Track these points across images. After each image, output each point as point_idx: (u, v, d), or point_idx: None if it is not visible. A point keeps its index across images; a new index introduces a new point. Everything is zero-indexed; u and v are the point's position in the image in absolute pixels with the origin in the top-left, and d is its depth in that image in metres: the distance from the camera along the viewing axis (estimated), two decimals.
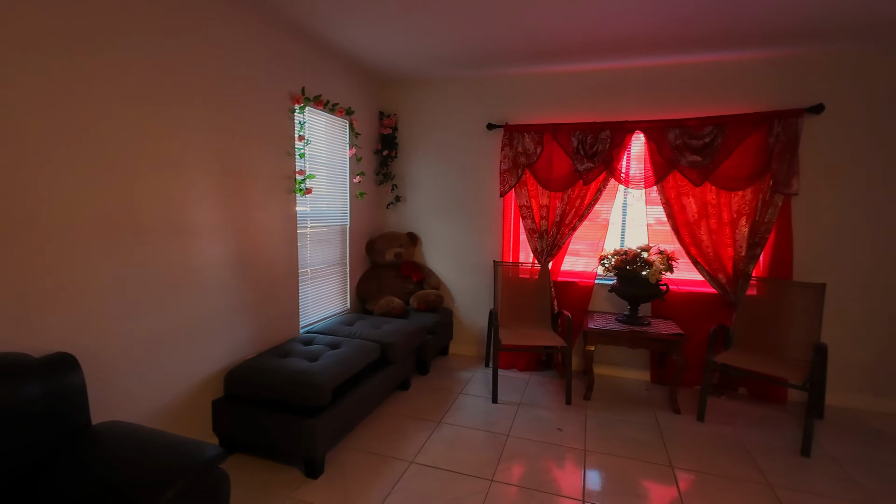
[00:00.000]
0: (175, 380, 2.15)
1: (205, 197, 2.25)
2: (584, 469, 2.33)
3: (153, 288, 2.01)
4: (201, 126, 2.20)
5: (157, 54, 1.96)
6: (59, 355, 1.57)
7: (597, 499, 2.10)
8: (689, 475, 2.30)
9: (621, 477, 2.27)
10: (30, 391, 1.41)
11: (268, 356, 2.48)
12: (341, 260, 3.60)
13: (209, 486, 1.46)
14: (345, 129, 3.49)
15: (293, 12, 2.55)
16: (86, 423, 1.58)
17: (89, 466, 1.39)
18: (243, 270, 2.54)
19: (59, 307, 1.66)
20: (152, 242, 2.00)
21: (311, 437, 2.13)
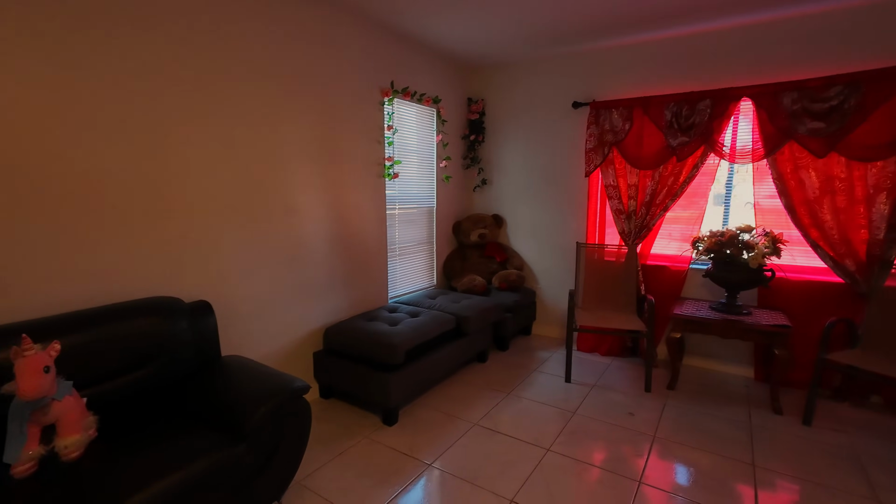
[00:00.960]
0: (284, 331, 2.65)
1: (309, 182, 2.69)
2: (649, 453, 2.28)
3: (270, 256, 2.51)
4: (307, 123, 2.63)
5: (274, 72, 2.40)
6: (201, 302, 2.09)
7: (654, 482, 2.06)
8: (774, 476, 2.10)
9: (688, 465, 2.17)
10: (182, 325, 1.93)
11: (358, 319, 2.88)
12: (428, 239, 3.90)
13: (296, 409, 1.83)
14: (432, 116, 3.74)
15: (384, 13, 2.84)
16: (216, 354, 2.09)
17: (217, 382, 1.86)
18: (340, 246, 2.96)
19: (202, 267, 2.20)
20: (269, 220, 2.49)
21: (386, 389, 2.46)
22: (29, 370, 1.30)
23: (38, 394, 1.31)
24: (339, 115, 2.85)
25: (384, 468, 2.15)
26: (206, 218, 2.20)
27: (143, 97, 1.91)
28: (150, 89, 1.93)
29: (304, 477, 2.08)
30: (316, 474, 2.10)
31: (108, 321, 1.71)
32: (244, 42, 2.27)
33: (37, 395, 1.31)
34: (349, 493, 1.97)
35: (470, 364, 3.40)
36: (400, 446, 2.33)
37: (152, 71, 1.93)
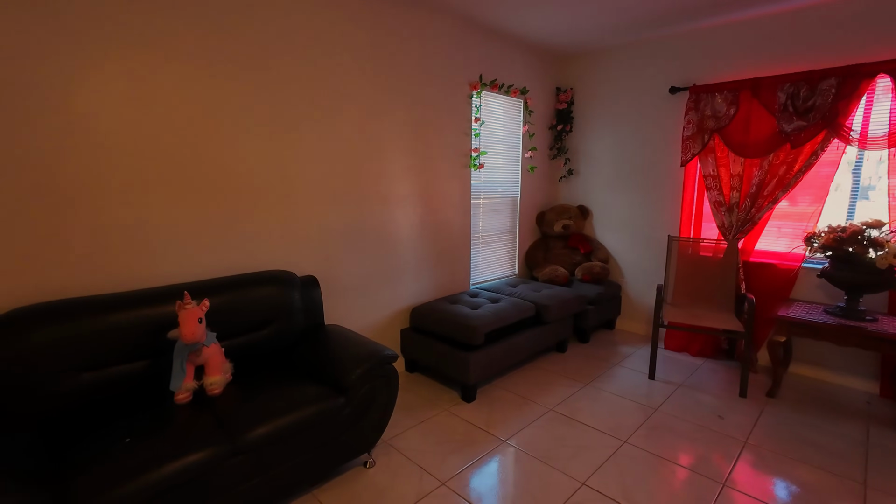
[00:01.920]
0: (376, 307, 2.92)
1: (401, 173, 2.92)
2: (737, 458, 2.16)
3: (366, 239, 2.78)
4: (401, 118, 2.85)
5: (374, 72, 2.65)
6: (310, 277, 2.41)
7: (741, 487, 1.96)
8: (890, 500, 1.87)
9: (784, 476, 2.03)
10: (295, 295, 2.25)
11: (442, 301, 3.07)
12: (511, 229, 3.97)
13: (385, 374, 2.05)
14: (519, 107, 3.78)
15: (475, 10, 2.95)
16: (320, 322, 2.40)
17: (321, 345, 2.16)
18: (427, 232, 3.17)
19: (310, 247, 2.52)
20: (367, 207, 2.76)
21: (465, 367, 2.62)
22: (189, 319, 1.66)
23: (194, 339, 1.67)
24: (430, 109, 3.03)
25: (461, 439, 2.31)
26: (316, 204, 2.51)
27: (276, 102, 2.25)
28: (280, 95, 2.26)
29: (390, 437, 2.32)
30: (400, 436, 2.33)
31: (242, 287, 2.07)
32: (350, 50, 2.53)
33: (193, 340, 1.67)
34: (429, 456, 2.16)
35: (548, 353, 3.43)
36: (477, 421, 2.48)
37: (281, 80, 2.26)
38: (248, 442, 1.59)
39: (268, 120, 2.26)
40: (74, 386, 1.61)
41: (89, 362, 1.64)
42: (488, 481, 2.00)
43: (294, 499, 1.88)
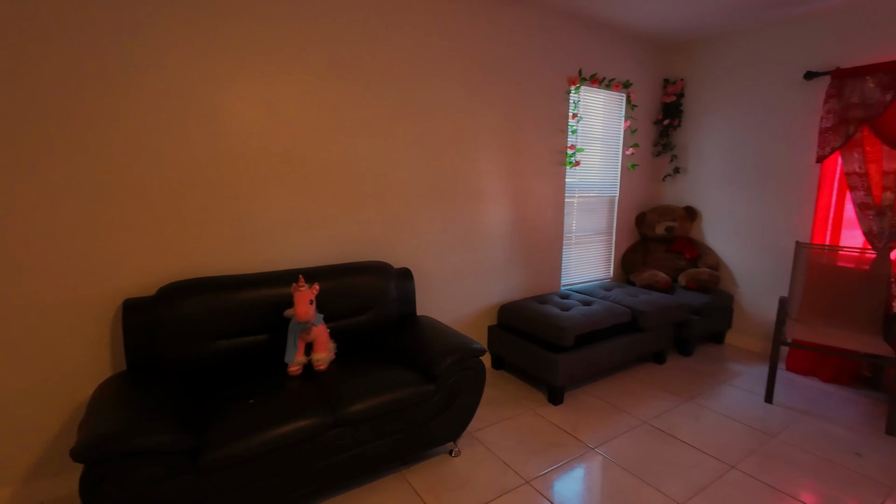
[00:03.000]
0: (465, 302, 2.98)
1: (493, 170, 2.95)
2: None
3: (457, 235, 2.86)
4: (494, 116, 2.88)
5: (467, 72, 2.71)
6: (404, 269, 2.54)
7: None
8: None
9: None
10: (391, 285, 2.39)
11: (530, 301, 3.03)
12: (607, 229, 3.78)
13: (473, 367, 2.09)
14: (620, 102, 3.59)
15: (574, 3, 2.87)
16: (413, 312, 2.52)
17: (414, 334, 2.26)
18: (517, 230, 3.15)
19: (406, 240, 2.66)
20: (458, 204, 2.83)
21: (553, 368, 2.56)
22: (302, 300, 1.85)
23: (306, 318, 1.86)
24: (524, 106, 3.01)
25: (546, 440, 2.27)
26: (412, 201, 2.64)
27: (375, 105, 2.42)
28: (381, 99, 2.42)
29: (475, 430, 2.36)
30: (485, 430, 2.35)
31: (345, 275, 2.26)
32: (446, 53, 2.62)
33: (305, 319, 1.86)
34: (512, 453, 2.16)
35: (644, 363, 3.21)
36: (563, 424, 2.41)
37: (379, 84, 2.42)
38: (348, 415, 1.74)
39: (369, 123, 2.43)
40: (211, 350, 1.89)
41: (223, 331, 1.91)
42: (574, 487, 1.94)
43: (384, 476, 2.00)
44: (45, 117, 1.68)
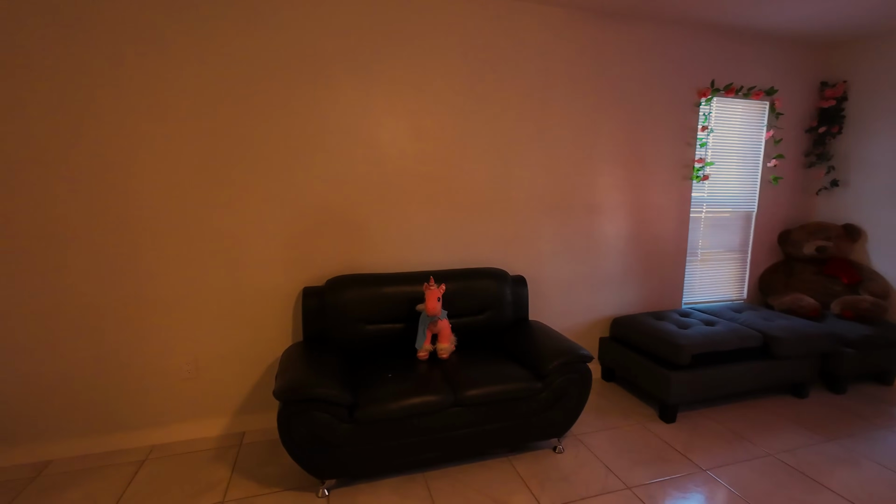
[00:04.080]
0: (577, 312, 3.10)
1: (611, 184, 3.03)
2: None
3: (571, 247, 3.01)
4: (614, 131, 2.96)
5: (587, 91, 2.85)
6: (519, 276, 2.78)
7: None
8: None
9: None
10: (507, 290, 2.66)
11: (646, 316, 3.02)
12: (741, 247, 3.52)
13: (579, 371, 2.24)
14: (761, 111, 3.33)
15: (708, 13, 2.82)
16: (525, 316, 2.74)
17: (525, 335, 2.49)
18: (636, 244, 3.16)
19: (522, 249, 2.90)
20: (575, 216, 2.98)
21: (665, 385, 2.55)
22: (431, 297, 2.22)
23: (434, 312, 2.23)
24: (646, 121, 3.02)
25: (652, 454, 2.29)
26: (529, 213, 2.88)
27: (498, 128, 2.72)
28: (501, 121, 2.72)
29: (581, 433, 2.49)
30: (591, 435, 2.46)
31: (467, 278, 2.59)
32: (563, 70, 2.80)
33: (433, 313, 2.23)
34: (616, 460, 2.24)
35: (780, 394, 2.94)
36: (673, 442, 2.40)
37: (502, 109, 2.71)
38: (466, 398, 2.04)
39: (493, 145, 2.73)
40: (361, 331, 2.37)
41: (371, 317, 2.38)
42: (678, 502, 1.96)
43: (494, 458, 2.26)
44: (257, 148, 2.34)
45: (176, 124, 2.20)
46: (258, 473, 2.13)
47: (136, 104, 2.14)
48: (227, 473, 2.13)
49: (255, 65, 2.27)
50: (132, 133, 2.15)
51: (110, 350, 2.26)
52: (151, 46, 2.12)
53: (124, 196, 2.18)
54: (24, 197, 2.06)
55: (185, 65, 2.17)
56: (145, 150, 2.18)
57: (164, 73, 2.15)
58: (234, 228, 2.35)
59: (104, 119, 2.11)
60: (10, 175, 2.03)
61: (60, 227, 2.12)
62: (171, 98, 2.18)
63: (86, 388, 2.25)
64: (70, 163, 2.09)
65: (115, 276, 2.22)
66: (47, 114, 2.04)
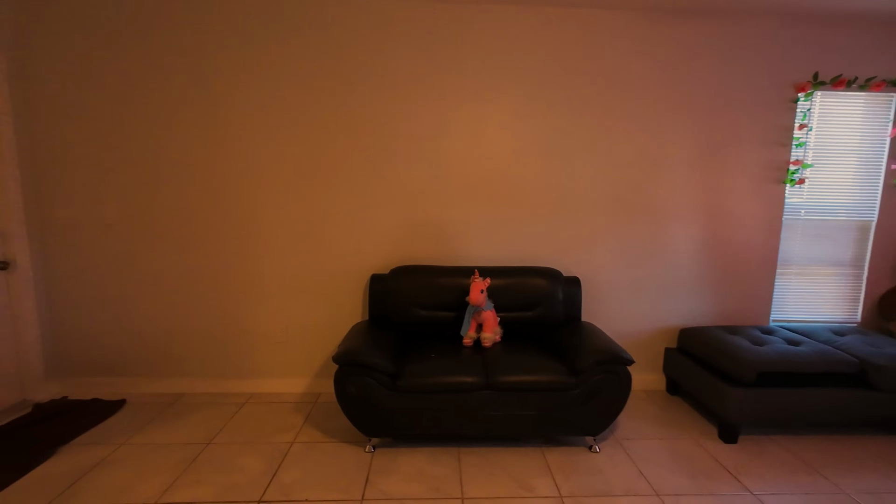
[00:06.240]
0: (638, 318, 3.02)
1: (681, 187, 2.89)
2: None
3: (633, 251, 2.95)
4: (686, 131, 2.83)
5: (657, 88, 2.78)
6: (573, 277, 2.83)
7: None
8: None
9: None
10: (558, 289, 2.73)
11: (718, 329, 2.82)
12: (853, 261, 3.05)
13: (616, 372, 2.24)
14: (888, 105, 2.86)
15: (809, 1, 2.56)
16: (578, 316, 2.78)
17: (570, 334, 2.55)
18: (711, 252, 2.96)
19: (578, 251, 2.93)
20: (637, 219, 2.92)
21: (724, 400, 2.39)
22: (475, 289, 2.43)
23: (477, 303, 2.42)
24: (726, 120, 2.83)
25: (697, 469, 2.19)
26: (589, 214, 2.90)
27: (559, 131, 2.80)
28: (563, 125, 2.80)
29: (624, 438, 2.46)
30: (635, 442, 2.43)
31: (518, 275, 2.73)
32: (631, 71, 2.76)
33: (476, 303, 2.43)
34: (653, 467, 2.19)
35: (875, 432, 2.53)
36: (726, 461, 2.25)
37: (565, 113, 2.79)
38: (498, 382, 2.21)
39: (553, 147, 2.82)
40: (416, 316, 2.66)
41: (425, 304, 2.67)
42: None
43: (526, 446, 2.37)
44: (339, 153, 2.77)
45: (283, 139, 2.74)
46: (323, 425, 2.55)
47: (256, 125, 2.72)
48: (301, 422, 2.59)
49: (339, 82, 2.71)
50: (254, 147, 2.74)
51: (230, 313, 2.89)
52: (265, 85, 2.68)
53: (245, 195, 2.78)
54: (174, 195, 2.76)
55: (287, 90, 2.70)
56: (263, 160, 2.75)
57: (276, 96, 2.70)
58: (320, 221, 2.82)
59: (237, 137, 2.72)
60: (174, 178, 2.75)
61: (197, 218, 2.79)
62: (279, 116, 2.72)
63: (212, 341, 2.91)
64: (212, 170, 2.75)
65: (237, 256, 2.83)
66: (195, 133, 2.71)
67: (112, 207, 2.75)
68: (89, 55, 2.62)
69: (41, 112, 2.65)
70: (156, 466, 2.13)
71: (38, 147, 2.68)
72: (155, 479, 2.04)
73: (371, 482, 2.05)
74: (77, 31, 2.60)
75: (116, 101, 2.67)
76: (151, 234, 2.79)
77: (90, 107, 2.66)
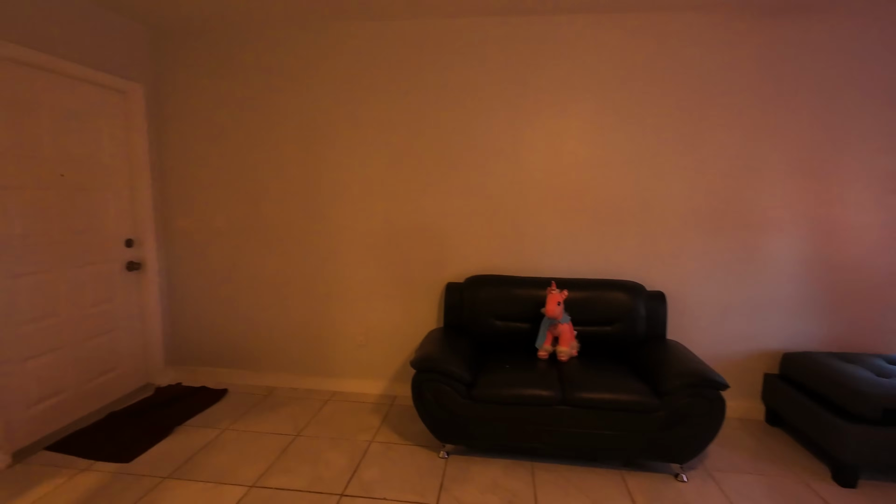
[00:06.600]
0: (732, 340, 2.77)
1: (786, 198, 2.63)
2: None
3: (727, 267, 2.72)
4: (789, 137, 2.58)
5: (757, 90, 2.57)
6: (658, 292, 2.68)
7: None
8: None
9: None
10: (640, 305, 2.61)
11: (830, 356, 2.51)
12: None
13: (707, 397, 2.07)
14: None
15: None
16: (662, 334, 2.63)
17: (654, 351, 2.42)
18: (821, 269, 2.65)
19: (664, 265, 2.77)
20: (732, 234, 2.70)
21: (840, 439, 2.11)
22: (551, 301, 2.39)
23: (553, 315, 2.39)
24: (842, 123, 2.53)
25: None
26: (676, 226, 2.74)
27: (642, 141, 2.69)
28: (646, 134, 2.69)
29: (716, 469, 2.27)
30: (729, 474, 2.22)
31: (597, 288, 2.64)
32: (723, 75, 2.58)
33: (552, 315, 2.39)
34: None
35: None
36: None
37: (647, 122, 2.67)
38: (575, 398, 2.15)
39: (635, 157, 2.71)
40: (491, 326, 2.68)
41: (500, 314, 2.68)
42: None
43: (605, 468, 2.27)
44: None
45: (367, 154, 2.93)
46: (400, 428, 2.64)
47: (344, 143, 2.94)
48: (378, 423, 2.71)
49: (418, 98, 2.84)
50: (341, 162, 2.96)
51: (318, 316, 3.11)
52: (352, 107, 2.89)
53: (334, 206, 3.00)
54: (273, 206, 3.05)
55: (371, 109, 2.88)
56: (348, 174, 2.96)
57: (360, 115, 2.90)
58: (400, 231, 2.96)
59: (327, 155, 2.96)
60: (273, 192, 3.05)
61: (292, 227, 3.05)
62: (364, 133, 2.91)
63: (301, 341, 3.15)
64: (305, 184, 3.01)
65: (325, 262, 3.06)
66: (291, 152, 2.99)
67: (222, 218, 3.11)
68: (207, 90, 3.01)
69: (168, 139, 3.09)
70: (254, 452, 2.35)
71: (166, 169, 3.11)
72: (253, 464, 2.25)
73: (446, 488, 2.09)
74: (201, 69, 3.00)
75: (226, 128, 3.02)
76: (254, 241, 3.10)
77: (206, 135, 3.05)
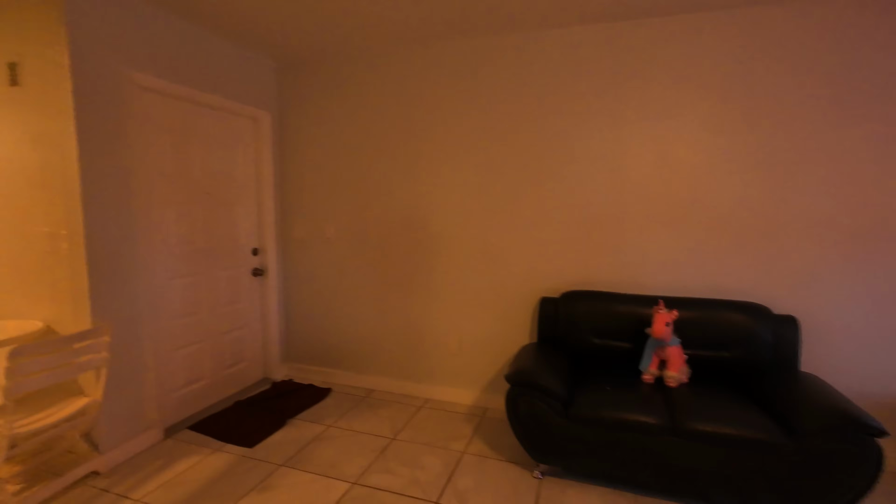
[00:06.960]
0: (887, 378, 2.33)
1: None
2: None
3: (878, 288, 2.30)
4: None
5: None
6: (788, 317, 2.35)
7: None
8: None
9: None
10: (764, 329, 2.31)
11: None
12: None
13: (860, 446, 1.76)
14: None
15: None
16: (794, 365, 2.30)
17: (784, 384, 2.12)
18: None
19: (794, 285, 2.43)
20: (884, 247, 2.28)
21: None
22: (659, 321, 2.22)
23: (661, 336, 2.22)
24: None
25: None
26: (809, 241, 2.39)
27: (760, 145, 2.40)
28: (765, 135, 2.39)
29: None
30: None
31: (711, 309, 2.40)
32: (867, 72, 2.20)
33: (660, 337, 2.22)
34: None
35: None
36: None
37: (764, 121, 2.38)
38: (687, 429, 1.96)
39: (752, 162, 2.42)
40: (588, 343, 2.57)
41: (598, 332, 2.55)
42: None
43: None
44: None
45: (465, 164, 3.00)
46: (492, 440, 2.64)
47: (442, 154, 3.05)
48: (471, 433, 2.73)
49: (515, 109, 2.84)
50: (440, 173, 3.07)
51: (414, 323, 3.25)
52: (442, 114, 2.99)
53: (432, 216, 3.12)
54: (376, 216, 3.26)
55: (469, 119, 2.95)
56: (447, 184, 3.06)
57: (459, 124, 2.99)
58: (495, 241, 2.98)
59: (427, 167, 3.10)
60: (376, 203, 3.26)
61: (394, 235, 3.23)
62: (462, 142, 2.99)
63: (398, 346, 3.31)
64: (405, 196, 3.17)
65: (422, 270, 3.18)
66: (393, 166, 3.18)
67: (332, 227, 3.39)
68: (322, 114, 3.32)
69: (288, 159, 3.46)
70: (357, 450, 2.51)
71: (285, 184, 3.49)
72: (356, 461, 2.40)
73: None
74: (316, 96, 3.33)
75: (336, 147, 3.30)
76: (359, 248, 3.33)
77: (319, 154, 3.36)
